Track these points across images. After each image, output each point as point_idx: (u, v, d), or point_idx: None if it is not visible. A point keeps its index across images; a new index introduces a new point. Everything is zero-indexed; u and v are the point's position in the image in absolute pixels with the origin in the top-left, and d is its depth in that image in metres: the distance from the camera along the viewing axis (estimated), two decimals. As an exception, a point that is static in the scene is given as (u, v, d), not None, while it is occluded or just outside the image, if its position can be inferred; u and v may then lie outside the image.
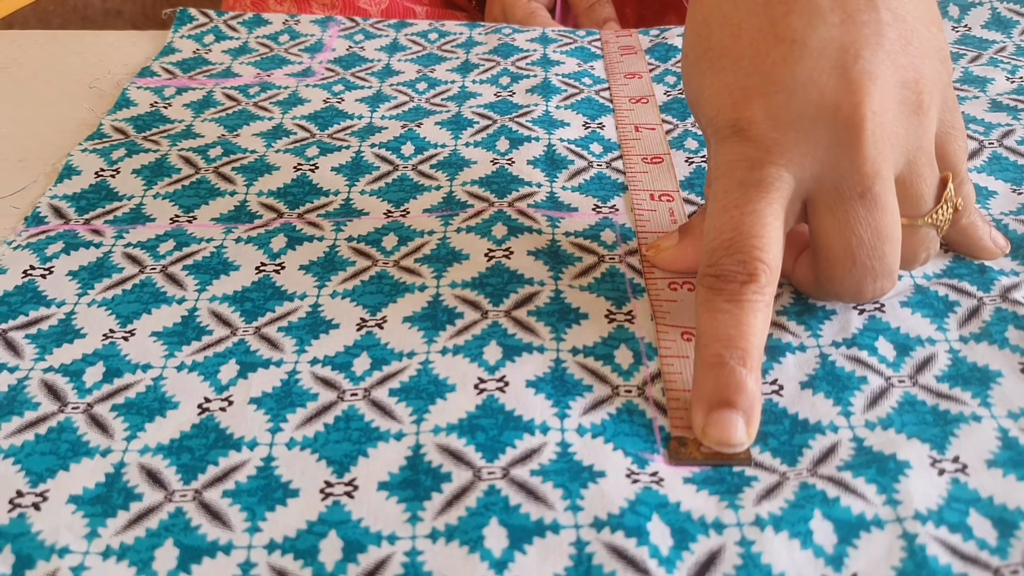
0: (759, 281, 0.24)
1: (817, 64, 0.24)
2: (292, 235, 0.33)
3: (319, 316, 0.29)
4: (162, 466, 0.24)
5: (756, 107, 0.25)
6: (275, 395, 0.26)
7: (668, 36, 0.48)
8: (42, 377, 0.27)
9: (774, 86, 0.25)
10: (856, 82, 0.24)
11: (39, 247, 0.33)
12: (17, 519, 0.22)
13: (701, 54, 0.27)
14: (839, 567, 0.21)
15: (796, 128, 0.25)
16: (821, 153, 0.25)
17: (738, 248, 0.24)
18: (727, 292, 0.24)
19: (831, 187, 0.25)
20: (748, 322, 0.24)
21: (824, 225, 0.25)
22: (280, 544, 0.22)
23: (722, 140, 0.26)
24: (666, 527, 0.22)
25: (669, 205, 0.34)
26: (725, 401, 0.23)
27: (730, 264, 0.24)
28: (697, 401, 0.24)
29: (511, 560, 0.21)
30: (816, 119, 0.24)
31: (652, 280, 0.30)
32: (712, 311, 0.24)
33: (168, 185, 0.36)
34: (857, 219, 0.25)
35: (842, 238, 0.25)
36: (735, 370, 0.23)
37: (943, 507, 0.22)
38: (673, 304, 0.29)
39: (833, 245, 0.25)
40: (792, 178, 0.25)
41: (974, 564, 0.21)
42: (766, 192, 0.25)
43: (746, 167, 0.25)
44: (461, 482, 0.23)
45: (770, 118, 0.25)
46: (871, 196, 0.24)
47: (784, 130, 0.25)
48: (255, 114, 0.42)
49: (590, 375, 0.26)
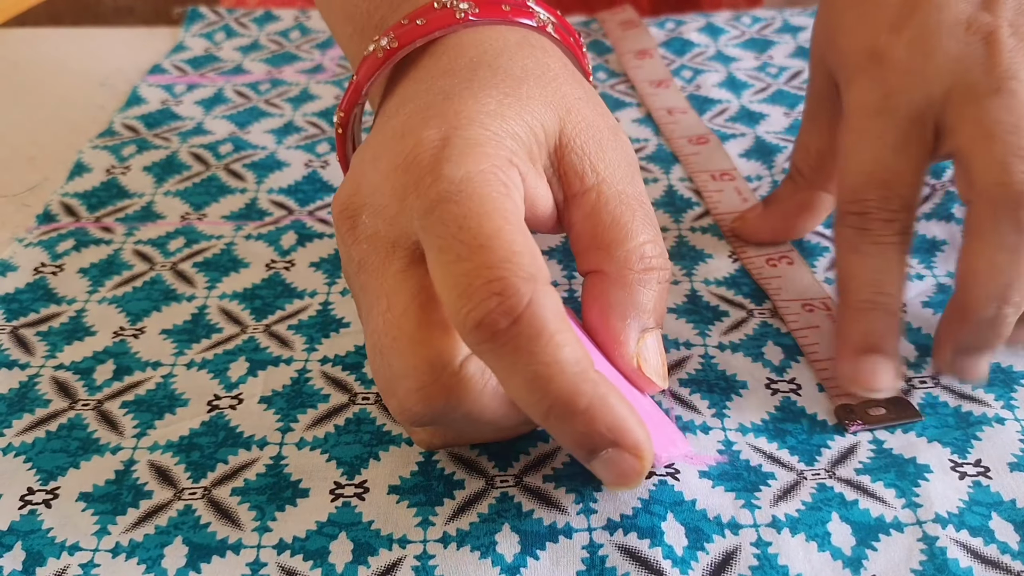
0: (904, 220, 0.24)
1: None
2: (302, 232, 0.33)
3: (329, 314, 0.29)
4: (171, 464, 0.24)
5: (894, 33, 0.25)
6: (285, 394, 0.26)
7: (684, 30, 0.48)
8: (53, 374, 0.27)
9: (913, 12, 0.25)
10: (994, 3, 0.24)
11: (50, 244, 0.33)
12: (28, 516, 0.22)
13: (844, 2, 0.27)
14: (857, 570, 0.20)
15: (930, 46, 0.24)
16: (954, 65, 0.24)
17: (882, 183, 0.24)
18: (872, 233, 0.24)
19: (964, 93, 0.24)
20: (893, 267, 0.24)
21: (963, 128, 0.24)
22: (290, 544, 0.21)
23: (858, 71, 0.26)
24: (681, 527, 0.21)
25: (733, 184, 0.34)
26: (873, 347, 0.23)
27: (875, 200, 0.24)
28: (843, 347, 0.24)
29: (523, 565, 0.21)
30: (951, 35, 0.24)
31: (748, 259, 0.30)
32: (857, 253, 0.24)
33: (178, 182, 0.36)
34: (992, 107, 0.23)
35: (980, 127, 0.24)
36: (883, 316, 0.23)
37: (964, 510, 0.22)
38: (780, 280, 0.29)
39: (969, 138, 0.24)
40: (926, 101, 0.24)
41: (995, 568, 0.20)
42: (905, 122, 0.24)
43: (881, 94, 0.25)
44: (474, 489, 0.23)
45: (906, 41, 0.25)
46: (1007, 90, 0.23)
47: (919, 50, 0.24)
48: (265, 111, 0.42)
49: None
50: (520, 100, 0.22)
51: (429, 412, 0.20)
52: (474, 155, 0.20)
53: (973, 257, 0.23)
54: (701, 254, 0.31)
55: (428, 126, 0.21)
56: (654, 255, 0.22)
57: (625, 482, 0.19)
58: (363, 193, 0.21)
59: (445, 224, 0.19)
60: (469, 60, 0.23)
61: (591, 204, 0.22)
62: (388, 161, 0.21)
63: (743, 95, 0.42)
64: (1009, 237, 0.23)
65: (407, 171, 0.20)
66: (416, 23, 0.24)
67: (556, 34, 0.26)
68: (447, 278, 0.19)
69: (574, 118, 0.23)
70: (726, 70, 0.44)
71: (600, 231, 0.22)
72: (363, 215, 0.21)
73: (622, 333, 0.21)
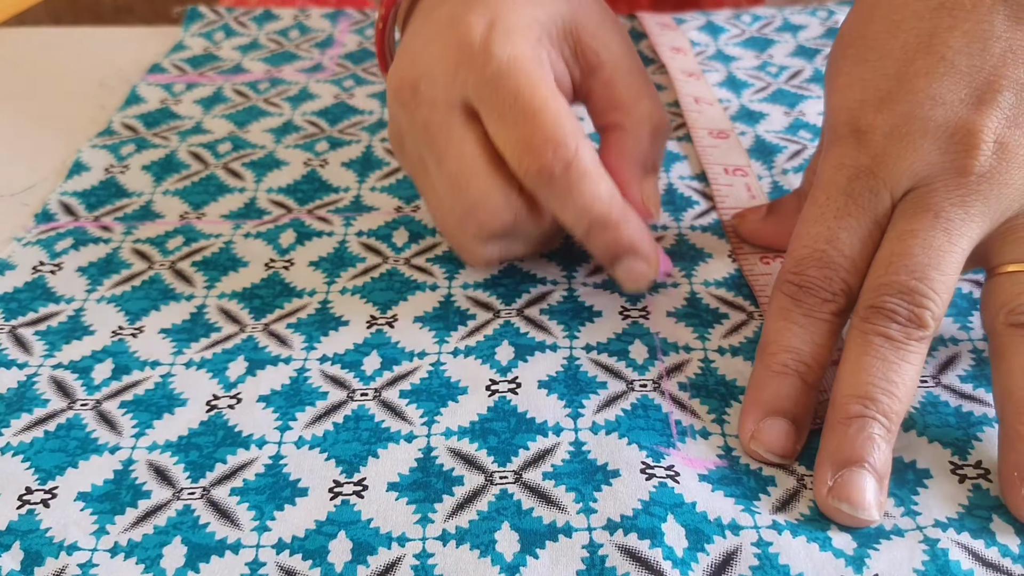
0: (841, 304, 0.23)
1: (956, 86, 0.23)
2: (301, 231, 0.33)
3: (328, 313, 0.29)
4: (170, 463, 0.24)
5: (879, 113, 0.24)
6: (284, 393, 0.26)
7: (684, 29, 0.48)
8: (51, 374, 0.27)
9: (905, 96, 0.24)
10: (988, 108, 0.23)
11: (49, 243, 0.33)
12: (26, 515, 0.22)
13: (855, 39, 0.26)
14: (860, 568, 0.20)
15: (909, 142, 0.23)
16: (923, 169, 0.23)
17: (827, 264, 0.24)
18: (806, 306, 0.24)
19: (916, 198, 0.23)
20: (820, 341, 0.23)
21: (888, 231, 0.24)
22: (289, 544, 0.21)
23: (836, 140, 0.25)
24: (681, 528, 0.21)
25: (744, 180, 0.34)
26: (781, 410, 0.23)
27: (817, 278, 0.24)
28: (751, 404, 0.23)
29: (523, 564, 0.21)
30: (933, 135, 0.23)
31: (743, 255, 0.31)
32: (786, 320, 0.24)
33: (177, 181, 0.36)
34: (917, 232, 0.23)
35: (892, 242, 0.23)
36: (797, 384, 0.23)
37: (964, 514, 0.22)
38: (768, 277, 0.30)
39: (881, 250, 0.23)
40: (889, 195, 0.24)
41: (997, 571, 0.20)
42: (865, 209, 0.24)
43: (850, 175, 0.24)
44: (473, 486, 0.23)
45: (888, 126, 0.24)
46: (945, 219, 0.23)
47: (898, 141, 0.24)
48: (265, 110, 0.42)
49: (604, 371, 0.26)
50: None
51: (505, 226, 0.26)
52: (517, 37, 0.26)
53: (842, 365, 0.23)
54: (701, 253, 0.31)
55: (474, 12, 0.26)
56: (660, 112, 0.28)
57: (638, 283, 0.26)
58: (419, 68, 0.26)
59: (501, 96, 0.25)
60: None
61: (608, 75, 0.28)
62: (441, 42, 0.26)
63: (743, 94, 0.41)
64: (876, 345, 0.22)
65: (460, 50, 0.26)
66: None
67: None
68: (510, 138, 0.25)
69: (585, 8, 0.28)
70: (726, 69, 0.44)
71: (617, 95, 0.28)
72: (421, 84, 0.26)
73: (634, 175, 0.27)
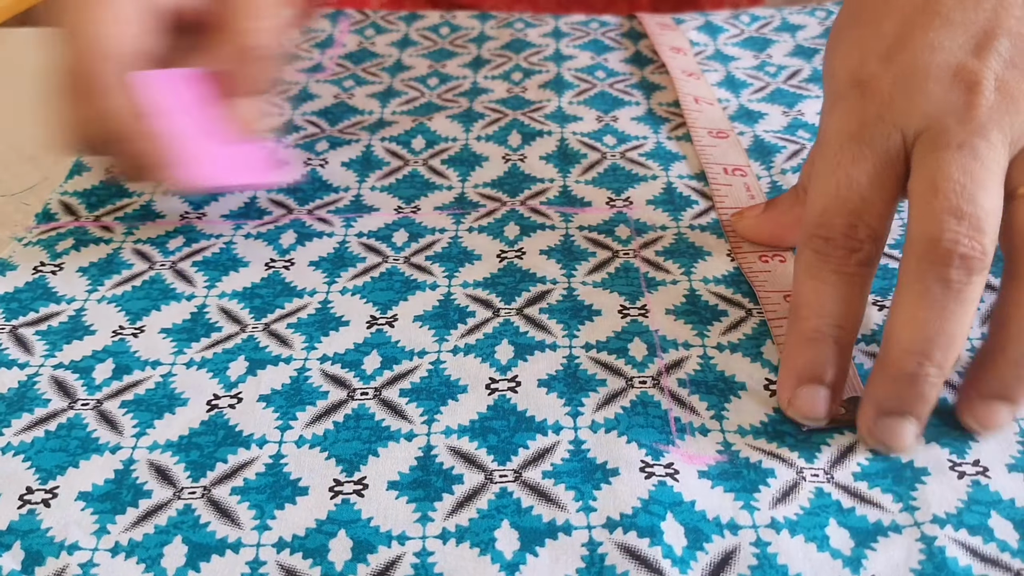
0: (869, 251, 0.23)
1: (953, 34, 0.24)
2: (302, 231, 0.33)
3: (329, 313, 0.29)
4: (171, 463, 0.24)
5: (882, 65, 0.25)
6: (284, 392, 0.26)
7: (683, 29, 0.48)
8: (52, 374, 0.27)
9: (906, 46, 0.25)
10: (985, 52, 0.24)
11: (49, 243, 0.33)
12: (27, 515, 0.22)
13: (855, 12, 0.27)
14: (857, 569, 0.21)
15: (914, 85, 0.24)
16: (932, 108, 0.24)
17: (851, 210, 0.24)
18: (834, 260, 0.23)
19: (931, 139, 0.24)
20: (851, 298, 0.23)
21: (918, 174, 0.23)
22: (289, 543, 0.21)
23: (840, 97, 0.25)
24: (680, 526, 0.21)
25: (743, 180, 0.34)
26: (816, 377, 0.23)
27: (841, 227, 0.24)
28: (787, 372, 0.23)
29: (522, 562, 0.21)
30: (936, 78, 0.24)
31: (742, 254, 0.31)
32: (816, 279, 0.24)
33: (178, 181, 0.36)
34: (949, 161, 0.23)
35: (930, 179, 0.23)
36: (832, 348, 0.23)
37: (963, 510, 0.22)
38: (768, 274, 0.30)
39: (918, 185, 0.23)
40: (901, 137, 0.24)
41: (995, 566, 0.21)
42: (878, 151, 0.24)
43: (859, 122, 0.24)
44: (472, 484, 0.23)
45: (892, 75, 0.24)
46: (969, 147, 0.23)
47: (903, 86, 0.24)
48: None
49: (603, 369, 0.26)
50: None
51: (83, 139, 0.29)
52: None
53: (897, 310, 0.22)
54: (700, 252, 0.31)
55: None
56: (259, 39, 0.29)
57: None
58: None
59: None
60: None
61: None
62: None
63: (742, 94, 0.42)
64: (934, 294, 0.22)
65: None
66: None
67: None
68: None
69: None
70: (725, 69, 0.44)
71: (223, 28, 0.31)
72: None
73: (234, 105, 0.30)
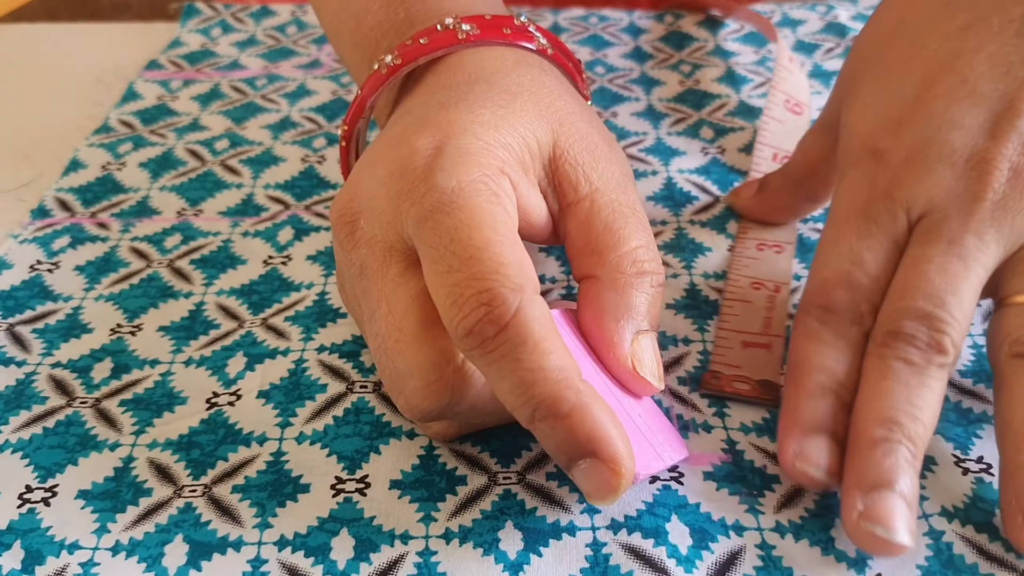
0: (869, 325, 0.23)
1: (975, 110, 0.23)
2: (299, 227, 0.33)
3: (326, 304, 0.29)
4: (171, 461, 0.23)
5: (897, 136, 0.24)
6: (283, 387, 0.26)
7: (683, 24, 0.47)
8: (50, 372, 0.27)
9: (923, 118, 0.24)
10: (1005, 134, 0.23)
11: (45, 241, 0.32)
12: (27, 514, 0.22)
13: (875, 61, 0.26)
14: (862, 569, 0.20)
15: (924, 165, 0.23)
16: (938, 193, 0.23)
17: (853, 285, 0.23)
18: (835, 327, 0.23)
19: (929, 226, 0.23)
20: (853, 362, 0.22)
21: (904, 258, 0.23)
22: (291, 541, 0.21)
23: (854, 162, 0.25)
24: (685, 527, 0.21)
25: None
26: (821, 428, 0.22)
27: (844, 301, 0.23)
28: (789, 426, 0.22)
29: (526, 562, 0.21)
30: (949, 160, 0.23)
31: (743, 240, 0.31)
32: (817, 342, 0.23)
33: (174, 178, 0.36)
34: (931, 257, 0.22)
35: (907, 268, 0.23)
36: (833, 402, 0.22)
37: (968, 506, 0.22)
38: (754, 261, 0.30)
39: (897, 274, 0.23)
40: (906, 217, 0.23)
41: (1000, 565, 0.20)
42: (885, 229, 0.23)
43: (869, 197, 0.24)
44: (476, 485, 0.22)
45: (905, 149, 0.23)
46: (959, 245, 0.22)
47: (913, 164, 0.23)
48: (262, 106, 0.41)
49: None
50: (514, 112, 0.23)
51: (436, 407, 0.21)
52: (466, 164, 0.21)
53: (863, 388, 0.22)
54: (700, 247, 0.31)
55: (423, 135, 0.22)
56: (647, 259, 0.22)
57: (602, 495, 0.19)
58: (361, 198, 0.22)
59: (437, 235, 0.20)
60: (467, 76, 0.24)
61: (584, 212, 0.23)
62: (384, 167, 0.22)
63: (742, 90, 0.41)
64: (896, 370, 0.21)
65: (402, 177, 0.21)
66: (420, 42, 0.25)
67: (555, 59, 0.27)
68: (440, 288, 0.20)
69: (567, 130, 0.23)
70: (725, 65, 0.44)
71: (593, 237, 0.22)
72: (361, 220, 0.22)
73: (616, 335, 0.22)
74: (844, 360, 0.23)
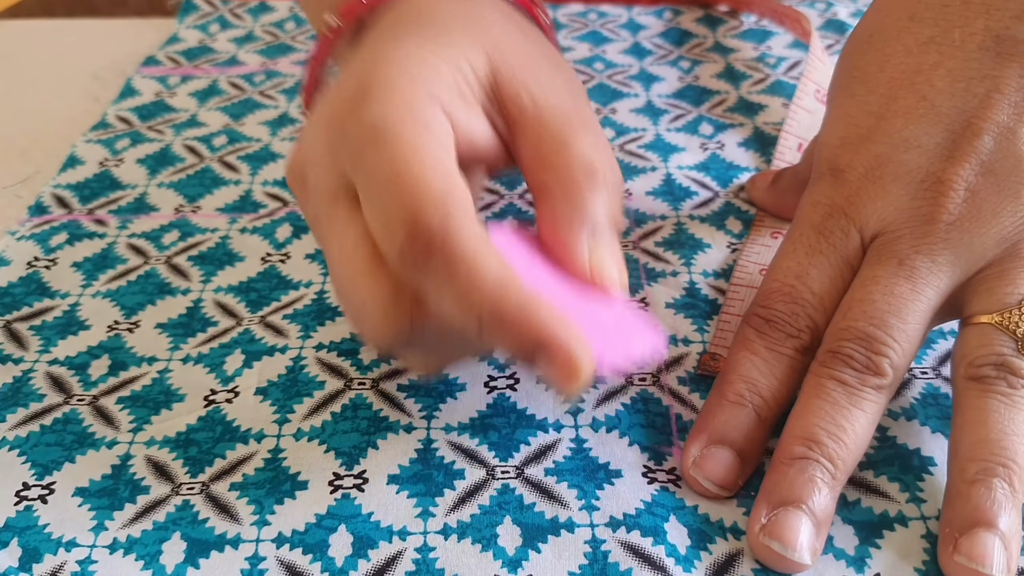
0: (806, 340, 0.23)
1: (933, 129, 0.23)
2: (298, 224, 0.33)
3: (325, 303, 0.29)
4: (169, 459, 0.23)
5: (856, 154, 0.24)
6: (281, 384, 0.26)
7: (682, 21, 0.47)
8: (47, 370, 0.26)
9: (882, 136, 0.24)
10: (962, 155, 0.23)
11: (43, 238, 0.32)
12: (24, 512, 0.22)
13: (849, 70, 0.26)
14: (861, 568, 0.20)
15: (879, 185, 0.23)
16: (891, 214, 0.23)
17: (794, 299, 0.23)
18: (770, 339, 0.23)
19: (881, 246, 0.23)
20: (781, 376, 0.23)
21: (854, 280, 0.23)
22: (289, 538, 0.21)
23: (817, 178, 0.25)
24: (683, 528, 0.21)
25: None
26: (728, 440, 0.22)
27: (784, 312, 0.23)
28: (698, 430, 0.23)
29: (525, 559, 0.21)
30: (904, 180, 0.23)
31: (759, 227, 0.31)
32: (748, 351, 0.23)
33: (172, 174, 0.36)
34: (879, 278, 0.22)
35: (855, 288, 0.23)
36: (748, 415, 0.22)
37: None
38: (766, 248, 0.30)
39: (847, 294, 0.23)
40: (859, 237, 0.23)
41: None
42: (836, 247, 0.23)
43: (825, 213, 0.24)
44: (474, 480, 0.22)
45: (863, 167, 0.24)
46: (909, 267, 0.22)
47: (868, 184, 0.23)
48: (260, 102, 0.41)
49: (603, 366, 0.26)
50: (442, 43, 0.22)
51: (399, 334, 0.21)
52: (391, 97, 0.21)
53: (795, 406, 0.22)
54: (700, 243, 0.31)
55: (352, 77, 0.22)
56: (596, 158, 0.22)
57: (567, 384, 0.19)
58: (305, 151, 0.22)
59: (367, 170, 0.20)
60: (405, 20, 0.24)
61: (531, 127, 0.22)
62: (319, 116, 0.22)
63: (741, 86, 0.41)
64: (827, 389, 0.22)
65: (333, 121, 0.21)
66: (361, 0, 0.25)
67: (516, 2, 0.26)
68: (373, 220, 0.20)
69: (504, 54, 0.23)
70: (724, 61, 0.44)
71: (540, 148, 0.22)
72: (308, 172, 0.22)
73: (572, 246, 0.21)
74: (771, 374, 0.23)
